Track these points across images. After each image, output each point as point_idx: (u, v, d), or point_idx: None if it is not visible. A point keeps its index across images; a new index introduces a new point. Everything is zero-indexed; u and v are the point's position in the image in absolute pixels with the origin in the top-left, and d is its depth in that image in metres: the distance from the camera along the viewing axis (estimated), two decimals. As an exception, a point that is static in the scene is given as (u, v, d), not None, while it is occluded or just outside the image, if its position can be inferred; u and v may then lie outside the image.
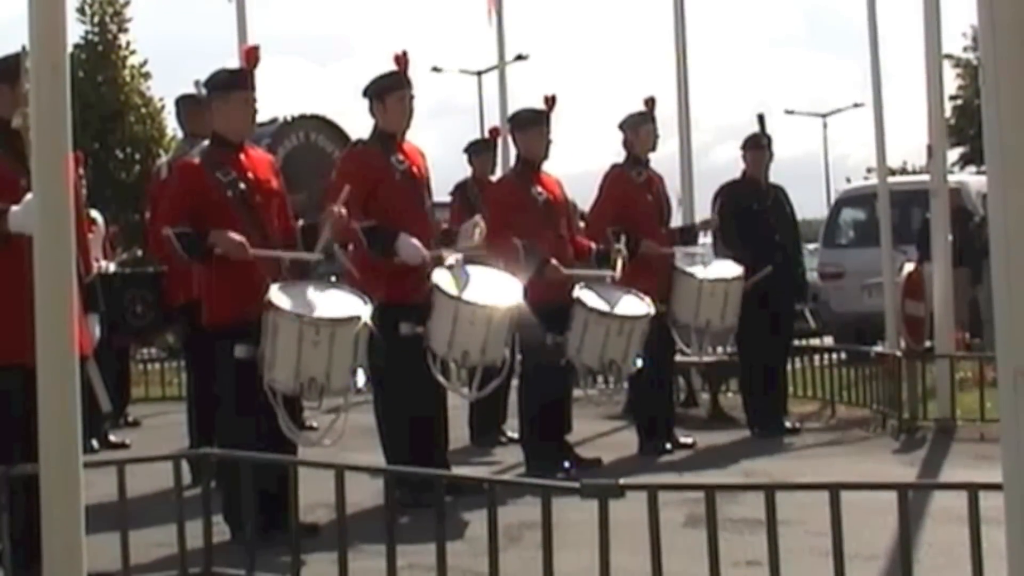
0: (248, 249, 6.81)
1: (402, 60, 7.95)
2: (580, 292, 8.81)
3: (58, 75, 4.05)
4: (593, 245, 9.40)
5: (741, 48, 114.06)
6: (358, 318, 6.81)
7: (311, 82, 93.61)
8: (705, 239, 11.41)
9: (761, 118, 11.04)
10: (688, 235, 10.68)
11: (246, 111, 7.13)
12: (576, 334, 8.71)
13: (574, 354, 8.74)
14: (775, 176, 10.99)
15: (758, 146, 10.84)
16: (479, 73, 45.79)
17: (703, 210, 11.25)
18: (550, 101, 9.07)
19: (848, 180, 39.56)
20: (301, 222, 7.33)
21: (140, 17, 53.88)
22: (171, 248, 6.94)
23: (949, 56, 37.96)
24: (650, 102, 9.99)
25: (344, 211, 7.21)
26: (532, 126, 9.06)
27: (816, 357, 12.57)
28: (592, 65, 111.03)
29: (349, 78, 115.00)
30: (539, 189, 8.98)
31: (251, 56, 7.27)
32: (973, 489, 4.24)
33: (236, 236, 6.81)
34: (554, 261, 8.73)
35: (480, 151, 11.20)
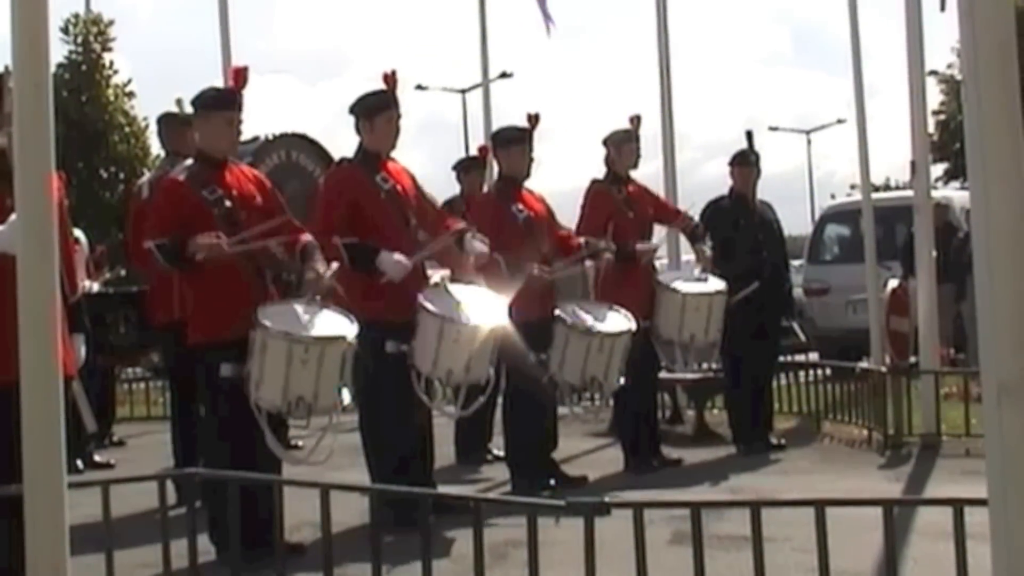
0: (224, 245, 6.80)
1: (391, 79, 7.93)
2: (561, 309, 8.82)
3: (41, 94, 4.05)
4: (582, 240, 9.35)
5: (729, 65, 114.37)
6: (345, 337, 6.82)
7: (297, 101, 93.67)
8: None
9: (749, 135, 11.06)
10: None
11: (228, 131, 7.15)
12: (558, 351, 8.74)
13: (556, 371, 8.76)
14: (760, 192, 11.01)
15: (746, 163, 10.84)
16: (463, 91, 45.92)
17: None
18: (533, 119, 9.09)
19: (832, 196, 39.70)
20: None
21: (125, 36, 53.88)
22: (154, 260, 6.94)
23: (934, 72, 38.06)
24: (635, 120, 10.00)
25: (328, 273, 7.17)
26: (515, 144, 9.08)
27: (801, 373, 12.57)
28: (577, 83, 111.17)
29: (336, 97, 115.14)
30: (520, 206, 9.00)
31: (239, 77, 7.27)
32: (958, 505, 4.24)
33: (209, 237, 6.79)
34: (535, 267, 8.74)
35: (470, 169, 11.22)
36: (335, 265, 7.28)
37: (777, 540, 5.27)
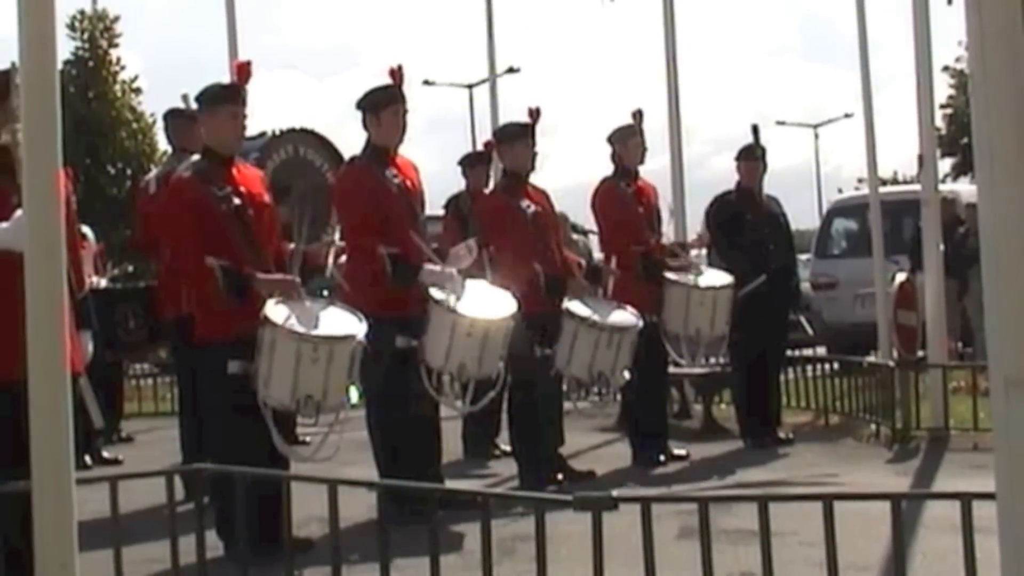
0: (297, 284, 6.93)
1: (397, 74, 7.94)
2: (569, 304, 8.82)
3: (48, 91, 4.05)
4: (583, 262, 9.43)
5: (737, 60, 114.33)
6: (354, 336, 6.82)
7: (305, 96, 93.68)
8: (699, 252, 11.40)
9: (755, 129, 11.05)
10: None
11: (234, 126, 7.15)
12: (565, 346, 8.73)
13: (563, 366, 8.76)
14: (768, 187, 11.01)
15: (752, 157, 10.84)
16: (470, 86, 45.85)
17: (696, 222, 11.24)
18: (534, 114, 9.10)
19: (840, 191, 39.58)
20: (292, 245, 7.33)
21: (132, 32, 53.85)
22: (212, 280, 6.88)
23: (947, 68, 38.00)
24: (637, 114, 10.01)
25: (340, 242, 7.40)
26: (518, 139, 9.08)
27: (809, 367, 12.57)
28: (584, 77, 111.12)
29: (344, 92, 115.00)
30: (527, 202, 9.00)
31: (242, 71, 7.29)
32: (966, 498, 4.23)
33: (277, 276, 6.89)
34: (576, 278, 8.92)
35: (474, 164, 11.20)
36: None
37: (785, 534, 5.25)
